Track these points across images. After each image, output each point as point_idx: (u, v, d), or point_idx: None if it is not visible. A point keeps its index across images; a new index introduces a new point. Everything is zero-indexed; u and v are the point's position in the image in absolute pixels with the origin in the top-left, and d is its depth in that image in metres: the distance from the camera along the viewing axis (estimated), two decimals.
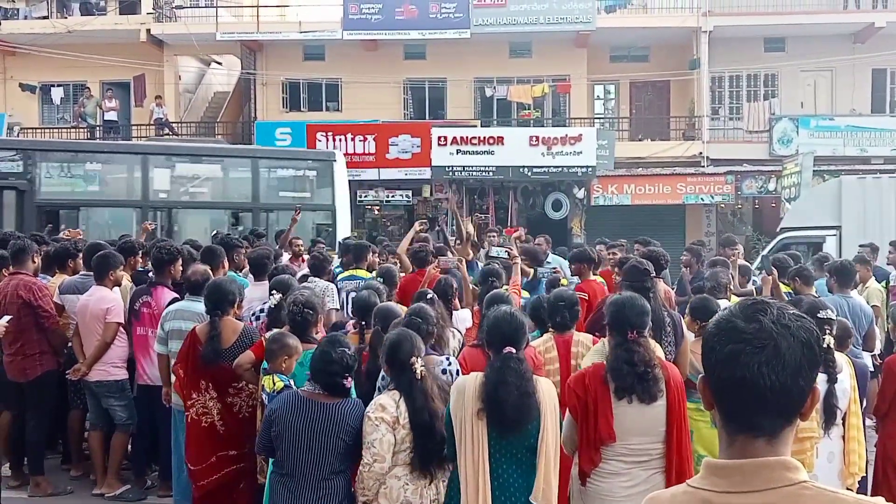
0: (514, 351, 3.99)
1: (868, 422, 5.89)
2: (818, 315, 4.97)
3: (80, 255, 7.95)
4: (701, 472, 1.76)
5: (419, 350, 4.27)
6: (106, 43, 24.79)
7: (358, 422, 4.22)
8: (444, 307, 6.15)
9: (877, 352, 8.09)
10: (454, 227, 21.12)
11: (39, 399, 7.34)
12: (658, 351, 4.65)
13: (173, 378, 6.23)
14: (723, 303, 6.51)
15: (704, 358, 1.77)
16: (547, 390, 4.06)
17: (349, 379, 4.26)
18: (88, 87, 25.77)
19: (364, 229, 23.50)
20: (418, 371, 4.13)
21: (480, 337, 4.77)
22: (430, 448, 4.07)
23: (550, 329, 5.66)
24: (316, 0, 26.90)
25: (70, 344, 7.44)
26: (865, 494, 5.42)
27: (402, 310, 5.81)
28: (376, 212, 23.68)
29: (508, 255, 8.09)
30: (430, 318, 5.15)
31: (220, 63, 28.32)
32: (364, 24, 24.29)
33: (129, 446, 7.50)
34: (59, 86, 26.52)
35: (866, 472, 5.43)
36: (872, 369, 7.71)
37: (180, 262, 7.36)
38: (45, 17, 26.39)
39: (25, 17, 26.45)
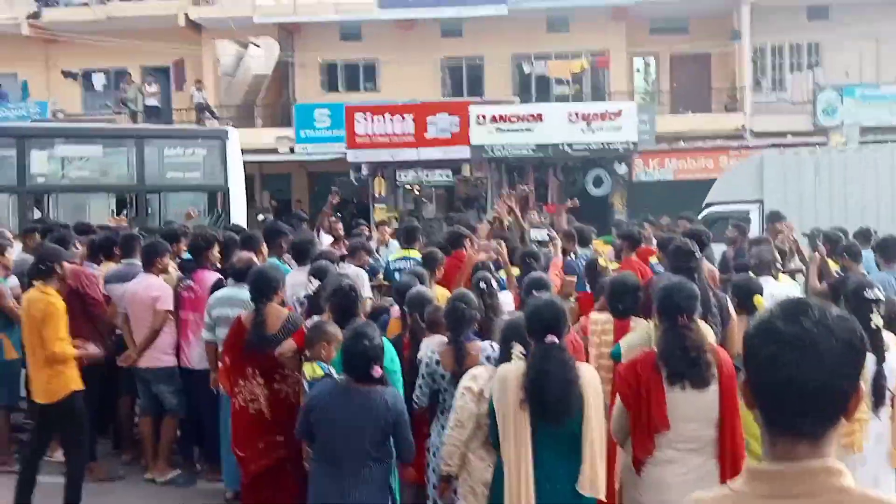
0: (556, 340, 3.97)
1: None
2: (864, 294, 4.89)
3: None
4: (742, 476, 1.74)
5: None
6: (145, 28, 25.03)
7: (394, 409, 4.26)
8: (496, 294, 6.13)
9: None
10: (494, 208, 21.15)
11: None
12: (709, 335, 4.62)
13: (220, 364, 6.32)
14: (768, 280, 6.44)
15: (746, 359, 1.75)
16: (590, 378, 4.04)
17: (377, 368, 4.27)
18: (129, 73, 26.03)
19: (404, 208, 23.57)
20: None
21: None
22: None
23: (611, 312, 5.61)
24: None
25: (118, 331, 7.56)
26: None
27: (434, 295, 5.81)
28: (416, 191, 23.68)
29: (549, 237, 8.06)
30: (473, 302, 5.16)
31: (257, 45, 28.45)
32: (400, 3, 24.25)
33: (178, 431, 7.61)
34: (100, 72, 26.84)
35: None
36: None
37: (217, 247, 7.44)
38: (84, 4, 26.67)
39: (66, 5, 26.75)
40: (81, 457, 6.61)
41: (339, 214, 13.81)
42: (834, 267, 8.31)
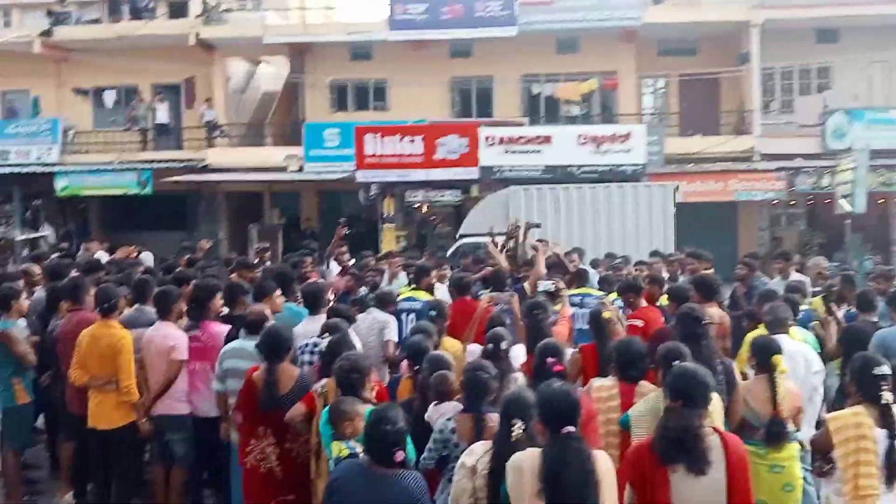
0: (572, 430, 3.99)
1: None
2: (874, 372, 4.91)
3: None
4: None
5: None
6: (156, 46, 25.19)
7: (416, 492, 4.28)
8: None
9: None
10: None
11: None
12: (717, 415, 4.63)
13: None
14: (783, 338, 6.44)
15: None
16: (604, 465, 4.04)
17: (399, 453, 4.28)
18: (139, 91, 26.18)
19: (413, 229, 23.64)
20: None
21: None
22: None
23: (616, 376, 5.63)
24: (362, 0, 27.04)
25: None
26: None
27: (450, 358, 5.81)
28: (425, 210, 23.75)
29: (556, 288, 8.08)
30: (492, 370, 5.16)
31: (268, 62, 28.59)
32: (410, 24, 24.29)
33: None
34: (111, 89, 26.99)
35: None
36: None
37: (219, 296, 7.49)
38: (96, 21, 26.84)
39: (77, 21, 26.91)
40: (130, 487, 7.22)
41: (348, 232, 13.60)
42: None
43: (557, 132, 21.86)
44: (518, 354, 6.75)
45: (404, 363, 6.69)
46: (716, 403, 4.83)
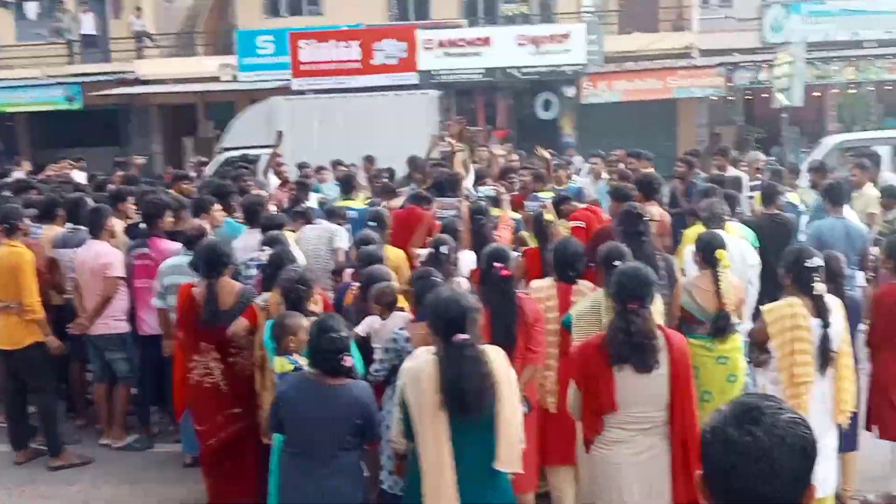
0: (465, 338, 3.89)
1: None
2: (806, 264, 4.99)
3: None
4: None
5: None
6: None
7: (366, 401, 4.29)
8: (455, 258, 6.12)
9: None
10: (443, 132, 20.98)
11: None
12: (658, 312, 4.68)
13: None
14: (721, 233, 6.51)
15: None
16: (497, 359, 4.02)
17: (346, 358, 4.28)
18: (63, 1, 25.08)
19: None
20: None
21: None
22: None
23: (555, 277, 5.64)
24: None
25: (66, 297, 7.47)
26: (856, 428, 5.58)
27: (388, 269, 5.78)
28: None
29: (496, 192, 8.05)
30: (440, 277, 5.14)
31: None
32: None
33: (136, 394, 7.60)
34: (33, 0, 25.80)
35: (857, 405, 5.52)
36: (866, 284, 7.79)
37: (169, 213, 7.32)
38: None
39: None
40: (49, 403, 7.16)
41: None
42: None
43: (496, 33, 21.56)
44: (469, 260, 6.76)
45: (348, 272, 6.66)
46: (657, 301, 4.88)
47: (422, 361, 4.00)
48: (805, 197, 10.01)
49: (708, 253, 5.73)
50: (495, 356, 4.04)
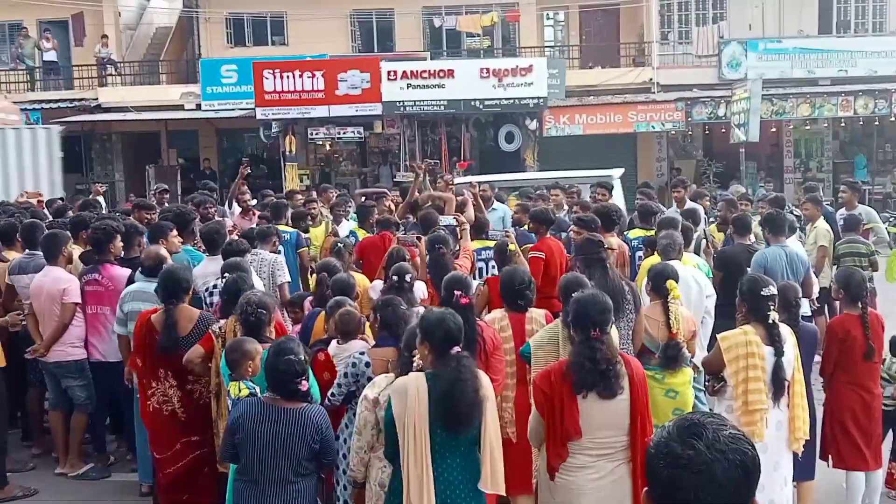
0: (461, 350, 4.01)
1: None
2: (762, 293, 5.09)
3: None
4: None
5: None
6: None
7: (322, 425, 4.29)
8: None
9: (815, 295, 8.29)
10: (406, 164, 21.09)
11: None
12: (615, 339, 4.74)
13: None
14: (676, 264, 6.61)
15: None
16: (486, 384, 4.11)
17: (303, 382, 4.29)
18: (25, 28, 24.93)
19: (317, 166, 23.34)
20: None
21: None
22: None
23: (505, 307, 5.68)
24: None
25: (23, 323, 7.38)
26: (812, 457, 5.67)
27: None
28: (328, 147, 23.45)
29: (456, 221, 8.10)
30: (404, 305, 5.16)
31: None
32: None
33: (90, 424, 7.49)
34: None
35: (812, 435, 5.60)
36: (810, 314, 7.95)
37: (119, 238, 7.28)
38: None
39: None
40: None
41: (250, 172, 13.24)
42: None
43: (459, 66, 21.71)
44: (420, 290, 6.78)
45: (307, 301, 6.66)
46: (613, 329, 4.94)
47: (411, 377, 4.06)
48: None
49: (658, 283, 5.83)
50: (485, 380, 4.12)
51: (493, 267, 7.79)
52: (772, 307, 5.08)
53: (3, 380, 6.95)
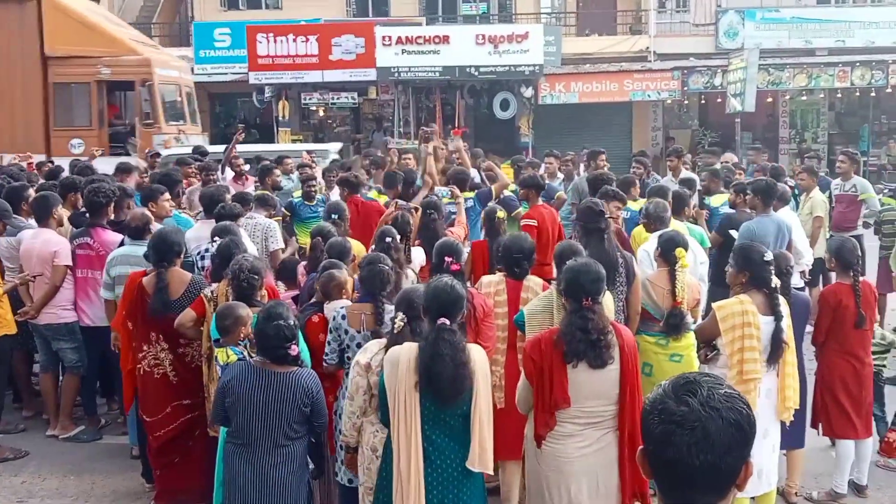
0: (447, 322, 3.97)
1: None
2: (764, 259, 5.08)
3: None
4: None
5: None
6: None
7: (312, 389, 4.27)
8: (401, 249, 6.13)
9: (806, 266, 8.28)
10: (401, 129, 20.99)
11: None
12: (610, 307, 4.70)
13: None
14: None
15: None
16: (479, 358, 4.07)
17: (293, 347, 4.26)
18: None
19: (310, 132, 23.21)
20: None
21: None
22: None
23: (503, 272, 5.66)
24: None
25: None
26: (802, 425, 5.68)
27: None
28: (321, 113, 23.31)
29: (452, 194, 8.06)
30: (389, 263, 5.13)
31: None
32: None
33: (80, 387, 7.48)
34: None
35: (802, 403, 5.61)
36: (802, 285, 7.95)
37: (113, 202, 7.23)
38: None
39: None
40: None
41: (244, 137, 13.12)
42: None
43: (455, 32, 21.53)
44: (419, 256, 6.76)
45: (301, 266, 6.63)
46: (608, 297, 4.92)
47: (405, 347, 4.03)
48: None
49: (668, 251, 5.79)
50: (476, 354, 4.07)
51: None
52: (772, 272, 5.07)
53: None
